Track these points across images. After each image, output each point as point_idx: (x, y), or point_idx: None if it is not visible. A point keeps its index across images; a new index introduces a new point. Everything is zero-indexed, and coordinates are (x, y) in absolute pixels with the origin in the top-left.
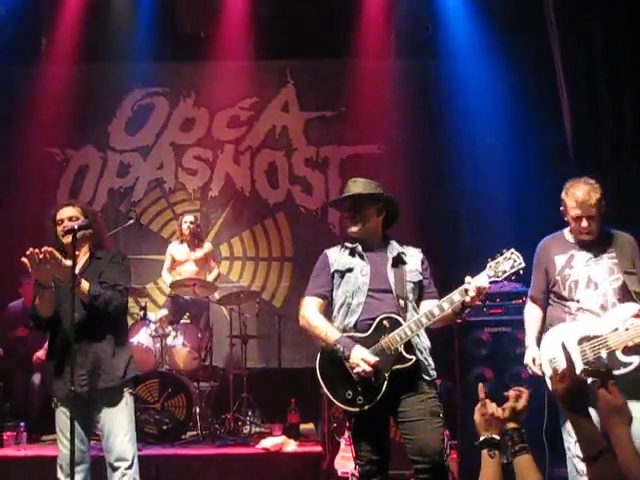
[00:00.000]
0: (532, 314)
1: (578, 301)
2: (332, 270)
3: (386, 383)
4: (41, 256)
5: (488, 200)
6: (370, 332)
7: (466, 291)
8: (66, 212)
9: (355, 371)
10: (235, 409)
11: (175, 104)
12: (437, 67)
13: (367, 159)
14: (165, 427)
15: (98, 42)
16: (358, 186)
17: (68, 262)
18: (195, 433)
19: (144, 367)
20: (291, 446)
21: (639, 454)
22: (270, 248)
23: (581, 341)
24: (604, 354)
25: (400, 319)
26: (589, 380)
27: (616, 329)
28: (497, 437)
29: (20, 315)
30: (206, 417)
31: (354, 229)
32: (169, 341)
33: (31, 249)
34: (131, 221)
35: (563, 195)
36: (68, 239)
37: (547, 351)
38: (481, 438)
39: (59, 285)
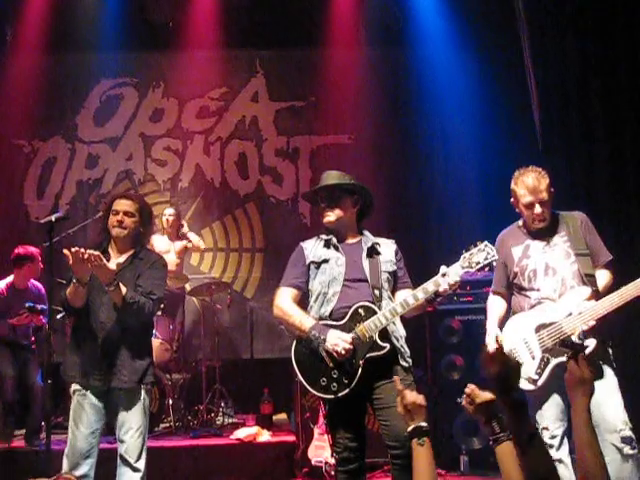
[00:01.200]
0: (494, 305)
1: (539, 289)
2: (308, 262)
3: (360, 370)
4: (86, 256)
5: (457, 190)
6: (345, 320)
7: (442, 277)
8: (124, 205)
9: (334, 349)
10: (208, 400)
11: (144, 94)
12: (407, 57)
13: (337, 149)
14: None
15: (65, 32)
16: (333, 178)
17: (112, 266)
18: (168, 425)
19: None
20: (264, 436)
21: (591, 423)
22: (241, 239)
23: (538, 329)
24: (574, 337)
25: (375, 308)
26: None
27: (570, 314)
28: (424, 424)
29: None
30: (179, 409)
31: (330, 220)
32: None
33: (76, 248)
34: (100, 213)
35: (512, 185)
36: (119, 232)
37: (507, 341)
38: (409, 428)
39: (94, 281)
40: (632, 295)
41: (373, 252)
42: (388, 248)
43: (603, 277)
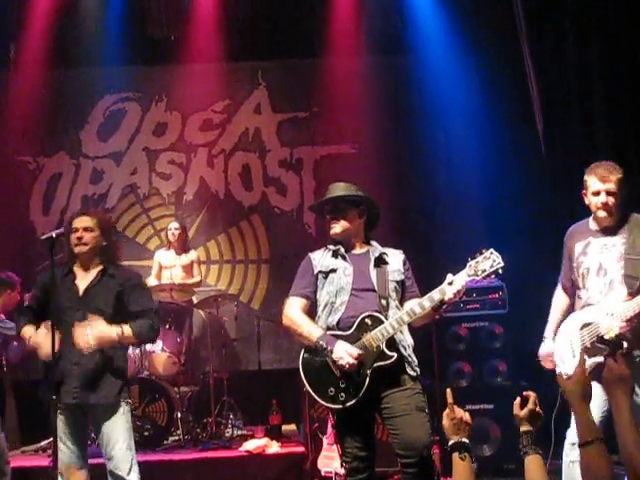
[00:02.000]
0: (557, 302)
1: (587, 289)
2: (316, 272)
3: (368, 379)
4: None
5: (462, 196)
6: (352, 330)
7: (449, 285)
8: (82, 222)
9: (339, 363)
10: (216, 413)
11: (147, 109)
12: (408, 64)
13: (341, 159)
14: (147, 433)
15: (67, 47)
16: (338, 190)
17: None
18: (177, 438)
19: None
20: (274, 448)
21: (635, 421)
22: (246, 250)
23: (582, 327)
24: (607, 337)
25: (382, 317)
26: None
27: (607, 314)
28: (466, 440)
29: None
30: (187, 422)
31: (336, 232)
32: (148, 347)
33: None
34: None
35: (585, 176)
36: (80, 249)
37: (558, 343)
38: (450, 442)
39: (64, 302)
40: None
41: (380, 262)
42: (396, 258)
43: None
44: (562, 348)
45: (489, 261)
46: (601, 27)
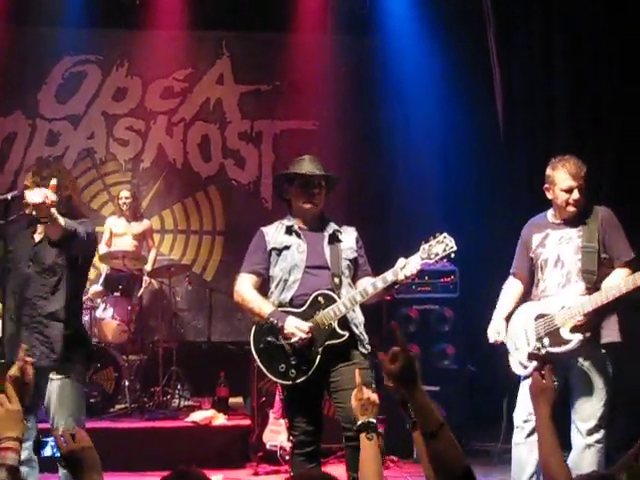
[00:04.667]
0: (509, 288)
1: (544, 280)
2: (269, 248)
3: (319, 357)
4: None
5: (419, 178)
6: (305, 308)
7: (402, 267)
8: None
9: (292, 340)
10: (164, 382)
11: (107, 73)
12: (374, 44)
13: (301, 134)
14: (93, 400)
15: (28, 5)
16: (317, 165)
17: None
18: (124, 406)
19: None
20: (220, 420)
21: (554, 430)
22: (201, 221)
23: (537, 318)
24: (546, 341)
25: (335, 296)
26: None
27: (563, 307)
28: (373, 420)
29: None
30: (135, 390)
31: (314, 208)
32: (98, 314)
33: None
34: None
35: (549, 171)
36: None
37: (512, 330)
38: (358, 422)
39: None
40: (614, 295)
41: (334, 239)
42: (349, 235)
43: (617, 275)
44: (516, 336)
45: (442, 245)
46: (565, 13)
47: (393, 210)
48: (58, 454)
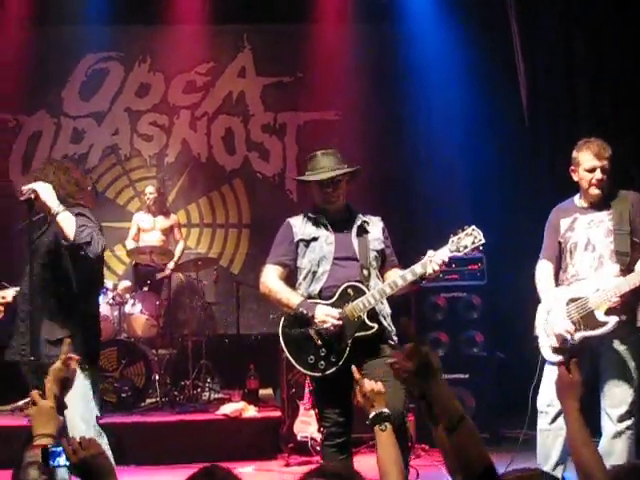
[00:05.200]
0: (546, 272)
1: (574, 265)
2: (297, 239)
3: (348, 349)
4: None
5: (443, 167)
6: (334, 299)
7: (430, 260)
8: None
9: (323, 327)
10: (194, 376)
11: (130, 69)
12: (394, 33)
13: (324, 125)
14: (124, 395)
15: (51, 4)
16: (331, 160)
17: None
18: (154, 400)
19: (102, 335)
20: (250, 412)
21: (584, 423)
22: (227, 214)
23: (569, 302)
24: (599, 312)
25: (364, 287)
26: None
27: (597, 290)
28: (385, 410)
29: None
30: (165, 384)
31: (333, 206)
32: (127, 309)
33: None
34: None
35: (575, 153)
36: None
37: (542, 316)
38: (370, 415)
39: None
40: None
41: (362, 231)
42: (375, 226)
43: None
44: (547, 322)
45: (471, 237)
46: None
47: (417, 200)
48: (68, 463)
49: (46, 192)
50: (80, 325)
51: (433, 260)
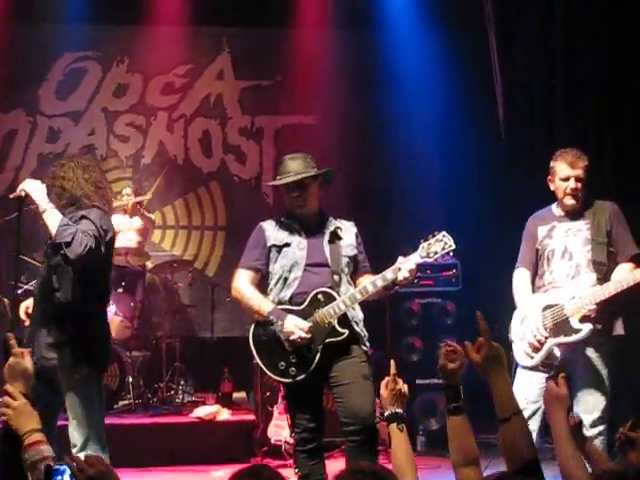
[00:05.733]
0: (523, 278)
1: (552, 272)
2: (269, 244)
3: (319, 355)
4: None
5: (421, 173)
6: (305, 306)
7: (400, 268)
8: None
9: (291, 338)
10: (168, 378)
11: (108, 69)
12: (374, 40)
13: (302, 129)
14: None
15: (28, 2)
16: (298, 164)
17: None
18: (128, 402)
19: None
20: (224, 415)
21: (571, 436)
22: (203, 217)
23: (545, 309)
24: (557, 352)
25: (334, 294)
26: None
27: (574, 297)
28: (401, 411)
29: None
30: (139, 386)
31: (302, 210)
32: None
33: None
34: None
35: (552, 163)
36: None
37: (517, 321)
38: (387, 413)
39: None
40: (624, 286)
41: (335, 237)
42: (348, 232)
43: (623, 269)
44: (521, 327)
45: (441, 243)
46: (569, 11)
47: (394, 205)
48: None
49: (35, 190)
50: (79, 329)
51: (402, 267)
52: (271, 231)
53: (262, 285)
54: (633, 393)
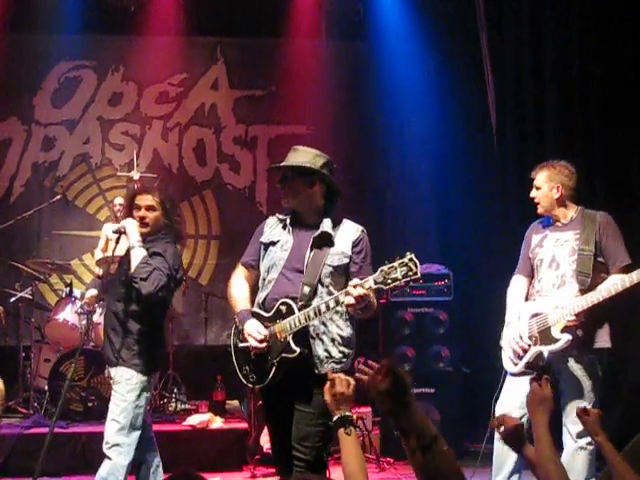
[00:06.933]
0: (517, 287)
1: (540, 280)
2: (260, 240)
3: (275, 368)
4: None
5: (414, 182)
6: (271, 314)
7: (353, 288)
8: (145, 200)
9: (245, 344)
10: (161, 386)
11: (103, 78)
12: (367, 50)
13: (295, 139)
14: (91, 404)
15: (24, 12)
16: (296, 156)
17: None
18: None
19: (69, 344)
20: (217, 423)
21: (552, 439)
22: (197, 226)
23: (532, 317)
24: (545, 352)
25: (295, 307)
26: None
27: (557, 307)
28: (349, 414)
29: None
30: None
31: (284, 202)
32: (95, 318)
33: None
34: (58, 197)
35: None
36: (141, 230)
37: (509, 329)
38: (335, 417)
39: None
40: (604, 296)
41: (322, 242)
42: (345, 238)
43: (612, 280)
44: (512, 334)
45: (404, 269)
46: (559, 17)
47: (387, 215)
48: None
49: (131, 228)
50: (142, 336)
51: (351, 292)
52: (269, 227)
53: (259, 282)
54: (623, 404)
